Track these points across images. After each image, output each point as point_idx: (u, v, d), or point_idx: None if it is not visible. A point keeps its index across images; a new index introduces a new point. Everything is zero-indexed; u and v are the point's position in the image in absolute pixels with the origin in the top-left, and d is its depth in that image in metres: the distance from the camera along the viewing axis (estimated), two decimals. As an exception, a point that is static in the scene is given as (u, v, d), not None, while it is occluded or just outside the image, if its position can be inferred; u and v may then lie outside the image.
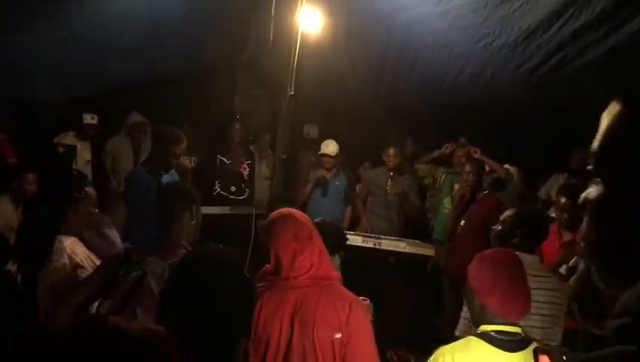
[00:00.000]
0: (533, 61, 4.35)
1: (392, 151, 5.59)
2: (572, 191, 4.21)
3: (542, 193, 5.82)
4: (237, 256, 1.45)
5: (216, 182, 6.02)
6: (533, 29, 3.89)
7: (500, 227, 3.09)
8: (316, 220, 3.07)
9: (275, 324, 2.05)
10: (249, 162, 6.08)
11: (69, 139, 5.99)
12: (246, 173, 6.07)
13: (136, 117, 6.13)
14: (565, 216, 4.05)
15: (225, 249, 1.44)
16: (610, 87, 4.50)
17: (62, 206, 3.13)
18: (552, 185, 5.70)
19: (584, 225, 1.04)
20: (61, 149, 5.84)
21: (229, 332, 1.35)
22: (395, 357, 4.31)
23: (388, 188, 5.56)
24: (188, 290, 1.35)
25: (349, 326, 2.02)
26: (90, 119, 6.01)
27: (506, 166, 5.44)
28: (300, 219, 2.21)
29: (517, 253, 2.69)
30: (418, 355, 3.84)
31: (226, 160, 6.07)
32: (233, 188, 6.01)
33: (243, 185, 6.03)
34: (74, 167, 5.85)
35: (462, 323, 2.76)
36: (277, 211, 2.32)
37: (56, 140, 5.92)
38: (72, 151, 5.91)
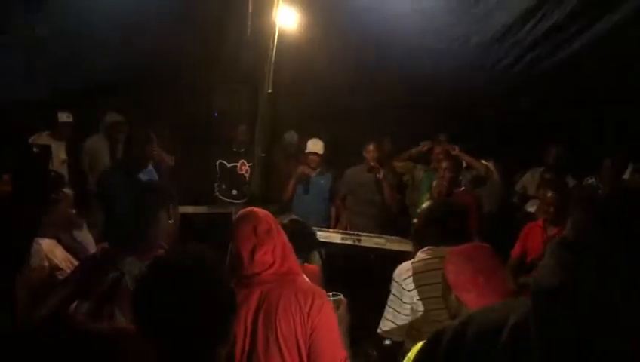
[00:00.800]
0: (508, 59, 4.42)
1: (372, 146, 5.59)
2: (558, 185, 4.23)
3: (518, 187, 5.90)
4: (215, 257, 1.42)
5: (215, 185, 5.98)
6: (508, 28, 3.95)
7: (415, 221, 3.01)
8: (284, 221, 3.07)
9: (240, 322, 2.04)
10: (251, 164, 5.96)
11: (43, 138, 5.88)
12: (247, 175, 6.02)
13: (113, 117, 6.06)
14: (552, 210, 4.04)
15: (202, 249, 1.41)
16: (580, 86, 4.63)
17: (39, 207, 3.08)
18: (528, 180, 5.79)
19: None
20: (36, 149, 5.74)
21: (204, 335, 1.32)
22: (375, 353, 4.35)
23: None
24: (160, 291, 1.32)
25: (311, 318, 2.02)
26: (65, 118, 5.92)
27: (484, 162, 5.51)
28: (260, 215, 2.21)
29: (432, 247, 2.67)
30: (396, 349, 3.88)
31: (226, 163, 6.02)
32: (235, 192, 5.95)
33: (244, 188, 5.98)
34: (50, 167, 5.76)
35: (384, 323, 2.72)
36: (241, 211, 2.32)
37: (31, 140, 5.82)
38: (47, 151, 5.82)
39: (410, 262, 2.74)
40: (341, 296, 2.62)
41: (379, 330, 2.71)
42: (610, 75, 4.28)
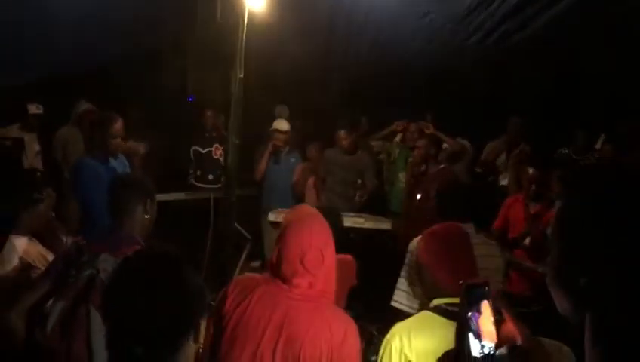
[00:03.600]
0: (477, 35, 4.43)
1: (342, 134, 5.62)
2: (540, 162, 4.22)
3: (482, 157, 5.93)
4: (184, 258, 1.42)
5: (190, 172, 5.95)
6: (477, 3, 3.95)
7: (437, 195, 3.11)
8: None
9: (258, 330, 1.94)
10: (224, 148, 5.92)
11: (14, 131, 5.81)
12: (222, 159, 5.96)
13: (84, 105, 5.96)
14: (533, 187, 4.00)
15: (171, 249, 1.41)
16: (550, 59, 4.67)
17: (18, 205, 3.02)
18: (489, 151, 5.86)
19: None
20: (7, 143, 5.65)
21: (174, 336, 1.33)
22: (375, 332, 4.42)
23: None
24: (130, 292, 1.32)
25: (341, 350, 1.93)
26: (35, 109, 5.83)
27: (459, 139, 5.57)
28: (316, 234, 2.00)
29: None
30: (380, 327, 3.94)
31: (201, 149, 5.98)
32: (211, 177, 5.94)
33: (220, 173, 5.95)
34: (24, 159, 5.69)
35: (398, 295, 2.85)
36: (301, 210, 2.16)
37: (1, 134, 5.73)
38: (19, 143, 5.73)
39: None
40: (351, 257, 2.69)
41: (392, 302, 2.78)
42: (578, 47, 4.33)
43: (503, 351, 1.13)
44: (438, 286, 2.12)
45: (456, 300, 2.07)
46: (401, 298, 2.77)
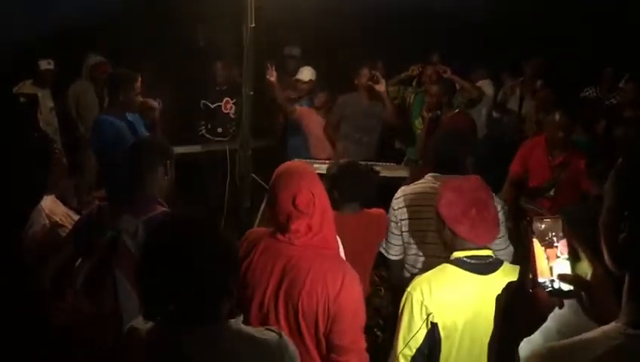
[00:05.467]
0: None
1: (365, 71, 5.45)
2: (565, 105, 4.04)
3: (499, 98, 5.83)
4: (214, 222, 1.46)
5: (202, 123, 5.92)
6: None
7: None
8: (341, 161, 3.04)
9: (263, 279, 2.00)
10: (235, 101, 5.83)
11: (27, 87, 5.78)
12: (232, 112, 5.92)
13: (94, 58, 5.91)
14: (561, 134, 3.80)
15: (202, 217, 1.45)
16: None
17: (44, 164, 3.07)
18: (505, 92, 5.80)
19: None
20: (22, 99, 5.65)
21: (211, 297, 1.39)
22: (377, 278, 4.49)
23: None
24: (166, 260, 1.37)
25: (337, 302, 1.94)
26: (46, 65, 5.78)
27: (479, 83, 5.46)
28: (302, 182, 2.05)
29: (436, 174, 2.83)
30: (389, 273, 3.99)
31: (210, 104, 5.92)
32: (220, 130, 5.91)
33: (228, 126, 5.92)
34: (39, 115, 5.69)
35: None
36: (286, 163, 2.24)
37: (15, 90, 5.72)
38: (33, 100, 5.73)
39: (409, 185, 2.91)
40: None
41: (381, 249, 2.90)
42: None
43: (568, 284, 1.12)
44: (459, 239, 2.13)
45: (476, 252, 2.09)
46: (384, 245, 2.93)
